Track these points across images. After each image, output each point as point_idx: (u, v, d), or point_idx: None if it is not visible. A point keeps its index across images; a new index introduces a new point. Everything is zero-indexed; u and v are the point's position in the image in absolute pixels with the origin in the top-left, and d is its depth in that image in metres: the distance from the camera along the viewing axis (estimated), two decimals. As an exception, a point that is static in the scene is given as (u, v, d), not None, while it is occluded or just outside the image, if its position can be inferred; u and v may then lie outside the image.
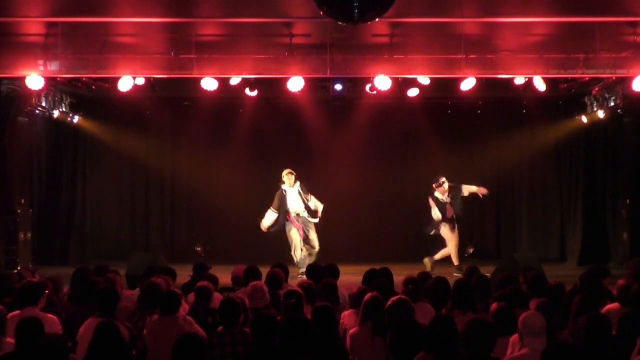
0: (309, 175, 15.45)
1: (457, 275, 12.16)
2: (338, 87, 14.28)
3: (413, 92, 14.31)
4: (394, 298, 5.99)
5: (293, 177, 13.78)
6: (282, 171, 13.86)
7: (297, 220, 13.79)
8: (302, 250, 13.77)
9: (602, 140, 16.20)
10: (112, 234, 17.11)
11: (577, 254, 15.97)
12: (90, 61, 12.56)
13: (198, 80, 13.08)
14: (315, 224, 13.93)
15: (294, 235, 13.80)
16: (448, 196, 14.09)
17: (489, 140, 17.02)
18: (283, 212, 13.76)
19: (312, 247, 13.80)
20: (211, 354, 5.86)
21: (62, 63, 12.31)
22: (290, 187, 13.76)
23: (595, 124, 15.69)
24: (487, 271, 10.79)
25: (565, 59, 12.72)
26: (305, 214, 13.81)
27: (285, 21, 11.59)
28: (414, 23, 11.57)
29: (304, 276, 9.47)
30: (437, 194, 14.08)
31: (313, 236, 13.84)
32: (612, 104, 14.68)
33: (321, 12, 7.36)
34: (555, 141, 16.74)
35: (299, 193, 13.80)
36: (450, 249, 14.06)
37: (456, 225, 14.12)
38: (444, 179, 14.13)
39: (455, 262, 13.93)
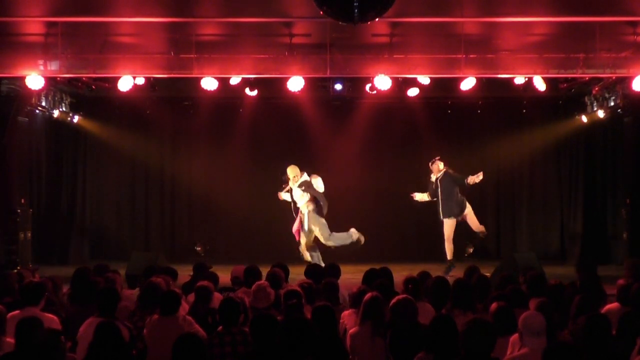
0: (308, 174, 15.45)
1: (448, 275, 11.93)
2: (338, 86, 14.29)
3: (413, 92, 14.31)
4: (399, 297, 5.98)
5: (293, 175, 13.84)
6: (285, 170, 13.94)
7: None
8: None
9: (602, 140, 16.21)
10: (112, 234, 17.10)
11: (577, 254, 15.97)
12: (91, 61, 12.57)
13: (198, 80, 13.07)
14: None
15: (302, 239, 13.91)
16: (439, 178, 13.89)
17: (489, 140, 17.01)
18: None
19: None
20: (211, 354, 5.86)
21: (62, 63, 12.32)
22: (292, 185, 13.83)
23: (595, 123, 15.69)
24: (487, 271, 10.80)
25: (565, 59, 12.73)
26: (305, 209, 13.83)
27: (285, 21, 11.59)
28: (414, 23, 11.56)
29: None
30: (432, 175, 14.03)
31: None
32: (612, 103, 14.68)
33: (321, 12, 7.35)
34: (555, 141, 16.73)
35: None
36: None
37: (445, 215, 13.82)
38: (437, 157, 14.04)
39: (449, 256, 13.75)
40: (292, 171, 13.79)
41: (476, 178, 13.67)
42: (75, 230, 16.69)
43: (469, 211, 13.96)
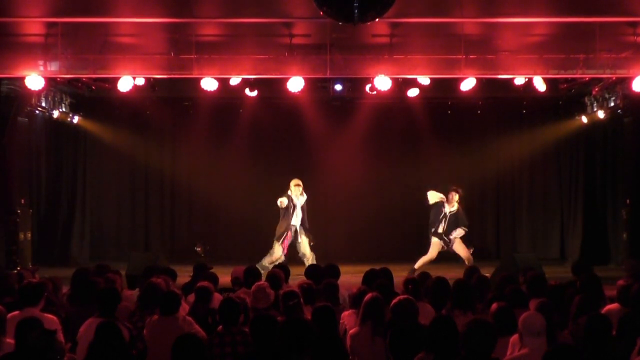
0: (308, 175, 15.47)
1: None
2: (338, 87, 14.29)
3: (413, 92, 14.31)
4: (400, 297, 5.99)
5: (300, 188, 13.81)
6: (285, 175, 13.97)
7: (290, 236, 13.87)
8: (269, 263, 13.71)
9: (602, 141, 16.22)
10: (112, 234, 17.11)
11: (577, 254, 15.98)
12: (90, 61, 12.56)
13: (198, 80, 13.08)
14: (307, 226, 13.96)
15: (277, 250, 13.83)
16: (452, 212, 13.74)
17: (489, 141, 17.02)
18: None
19: (305, 255, 13.83)
20: (211, 354, 5.86)
21: (62, 63, 12.31)
22: (297, 199, 13.84)
23: (595, 124, 15.69)
24: (487, 271, 10.80)
25: (565, 59, 12.73)
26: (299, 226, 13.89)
27: (285, 21, 11.60)
28: (414, 23, 11.56)
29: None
30: (446, 205, 13.70)
31: (304, 246, 13.84)
32: (612, 104, 14.69)
33: (321, 13, 7.35)
34: (555, 141, 16.75)
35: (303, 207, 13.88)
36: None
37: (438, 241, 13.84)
38: (455, 188, 13.73)
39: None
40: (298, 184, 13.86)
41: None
42: (75, 231, 16.69)
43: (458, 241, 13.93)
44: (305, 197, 13.91)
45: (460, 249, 13.91)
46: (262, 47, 12.55)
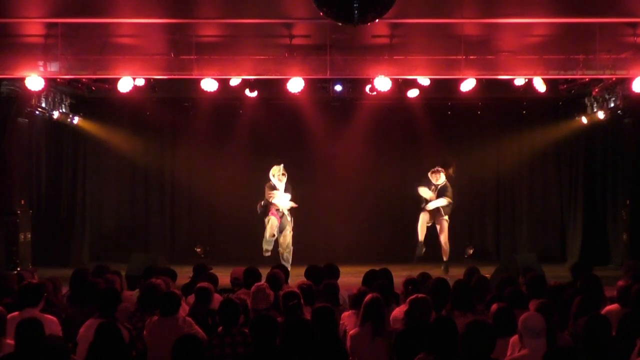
0: (308, 176, 15.50)
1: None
2: (338, 88, 14.30)
3: (413, 93, 14.31)
4: (418, 295, 6.03)
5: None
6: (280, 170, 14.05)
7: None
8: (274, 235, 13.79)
9: (602, 141, 16.22)
10: (112, 234, 17.10)
11: (577, 254, 15.98)
12: (90, 62, 12.56)
13: (198, 81, 13.09)
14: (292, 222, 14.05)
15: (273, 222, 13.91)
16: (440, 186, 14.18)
17: (489, 141, 17.02)
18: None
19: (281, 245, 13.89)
20: (211, 355, 5.86)
21: (62, 64, 12.31)
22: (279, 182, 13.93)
23: (595, 124, 15.69)
24: (487, 272, 10.80)
25: (565, 60, 12.72)
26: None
27: (285, 22, 11.59)
28: (414, 24, 11.56)
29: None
30: (433, 180, 14.23)
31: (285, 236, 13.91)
32: (612, 105, 14.68)
33: (321, 13, 7.35)
34: (555, 142, 16.74)
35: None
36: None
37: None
38: (439, 168, 14.32)
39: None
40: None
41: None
42: (75, 231, 16.69)
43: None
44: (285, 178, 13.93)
45: (442, 235, 14.04)
46: (262, 48, 12.55)
